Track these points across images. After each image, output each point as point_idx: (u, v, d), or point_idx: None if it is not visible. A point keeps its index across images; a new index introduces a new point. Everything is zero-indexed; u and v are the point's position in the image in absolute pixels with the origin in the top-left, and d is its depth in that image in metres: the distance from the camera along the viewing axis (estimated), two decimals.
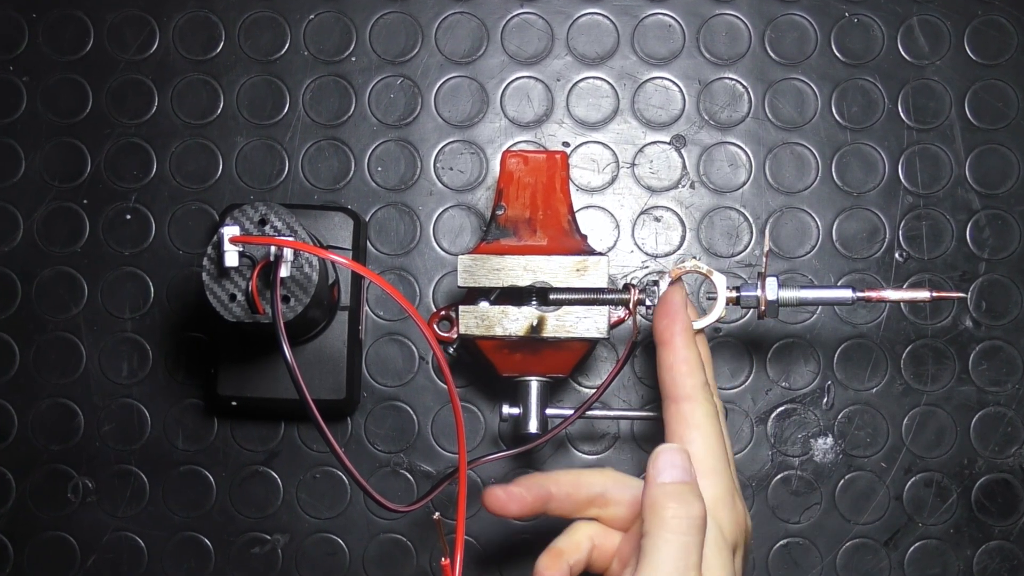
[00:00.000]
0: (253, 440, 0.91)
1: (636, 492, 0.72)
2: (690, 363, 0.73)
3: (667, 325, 0.74)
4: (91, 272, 0.92)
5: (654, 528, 0.66)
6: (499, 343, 0.82)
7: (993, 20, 0.93)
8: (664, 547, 0.66)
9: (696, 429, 0.72)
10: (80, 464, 0.91)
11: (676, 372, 0.73)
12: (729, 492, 0.72)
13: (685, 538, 0.66)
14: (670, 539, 0.66)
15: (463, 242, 0.92)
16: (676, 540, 0.66)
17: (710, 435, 0.72)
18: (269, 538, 0.91)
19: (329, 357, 0.86)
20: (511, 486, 0.73)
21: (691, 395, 0.73)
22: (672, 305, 0.75)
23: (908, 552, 0.91)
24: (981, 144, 0.92)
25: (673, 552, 0.65)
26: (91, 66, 0.93)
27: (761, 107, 0.93)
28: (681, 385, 0.73)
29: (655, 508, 0.67)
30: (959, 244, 0.92)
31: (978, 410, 0.91)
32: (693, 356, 0.74)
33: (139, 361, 0.91)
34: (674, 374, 0.73)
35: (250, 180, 0.92)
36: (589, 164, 0.93)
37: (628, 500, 0.73)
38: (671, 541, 0.66)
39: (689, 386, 0.73)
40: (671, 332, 0.74)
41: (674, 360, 0.73)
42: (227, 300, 0.74)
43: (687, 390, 0.73)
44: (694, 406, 0.72)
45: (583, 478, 0.74)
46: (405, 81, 0.93)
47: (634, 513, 0.73)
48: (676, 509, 0.66)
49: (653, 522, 0.66)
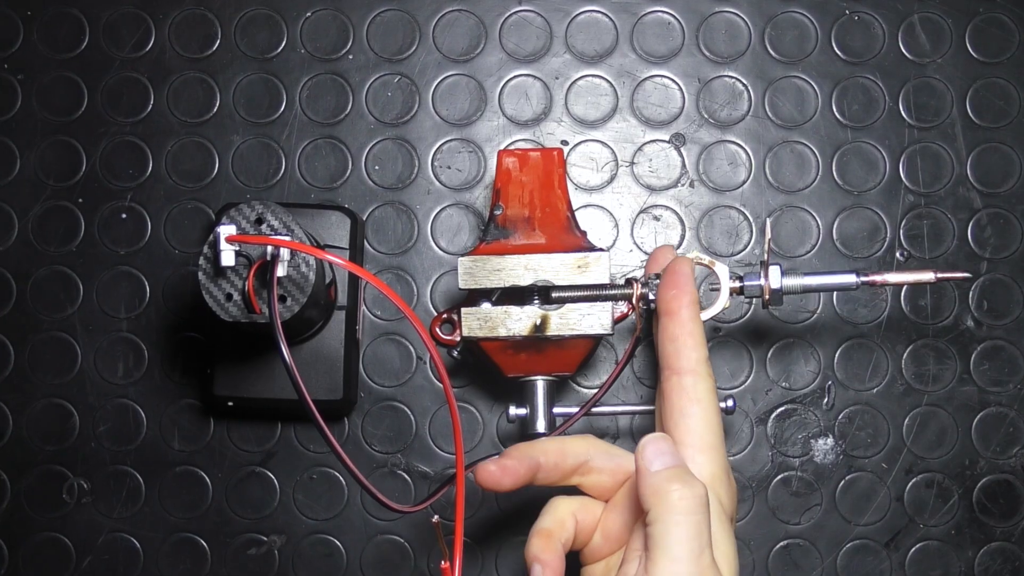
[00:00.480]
0: (250, 441, 0.91)
1: (619, 461, 0.74)
2: (695, 336, 0.74)
3: (675, 296, 0.74)
4: (86, 271, 0.92)
5: (663, 513, 0.66)
6: (503, 344, 0.82)
7: (995, 18, 0.93)
8: (676, 529, 0.66)
9: (697, 403, 0.72)
10: (75, 465, 0.91)
11: (681, 344, 0.73)
12: (725, 467, 0.73)
13: (695, 517, 0.66)
14: (681, 520, 0.66)
15: (461, 241, 0.92)
16: (687, 520, 0.66)
17: (710, 410, 0.72)
18: (266, 539, 0.91)
19: (326, 357, 0.85)
20: (502, 459, 0.73)
21: (695, 369, 0.73)
22: (680, 276, 0.75)
23: (909, 553, 0.90)
24: (983, 143, 0.92)
25: (686, 533, 0.65)
26: (86, 64, 0.93)
27: (761, 105, 0.93)
28: (686, 358, 0.73)
29: (659, 494, 0.67)
30: (960, 243, 0.92)
31: (980, 410, 0.91)
32: (699, 329, 0.74)
33: (135, 361, 0.91)
34: (678, 346, 0.73)
35: (246, 179, 0.92)
36: (588, 163, 0.93)
37: (611, 468, 0.74)
38: (682, 523, 0.66)
39: (694, 359, 0.73)
40: (679, 303, 0.74)
41: (679, 331, 0.74)
42: (223, 300, 0.74)
43: (691, 363, 0.73)
44: (696, 380, 0.73)
45: (568, 446, 0.74)
46: (403, 79, 0.93)
47: (616, 481, 0.74)
48: (681, 490, 0.66)
49: (660, 508, 0.66)
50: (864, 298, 0.91)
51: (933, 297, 0.91)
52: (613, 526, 0.73)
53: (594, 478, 0.74)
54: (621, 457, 0.74)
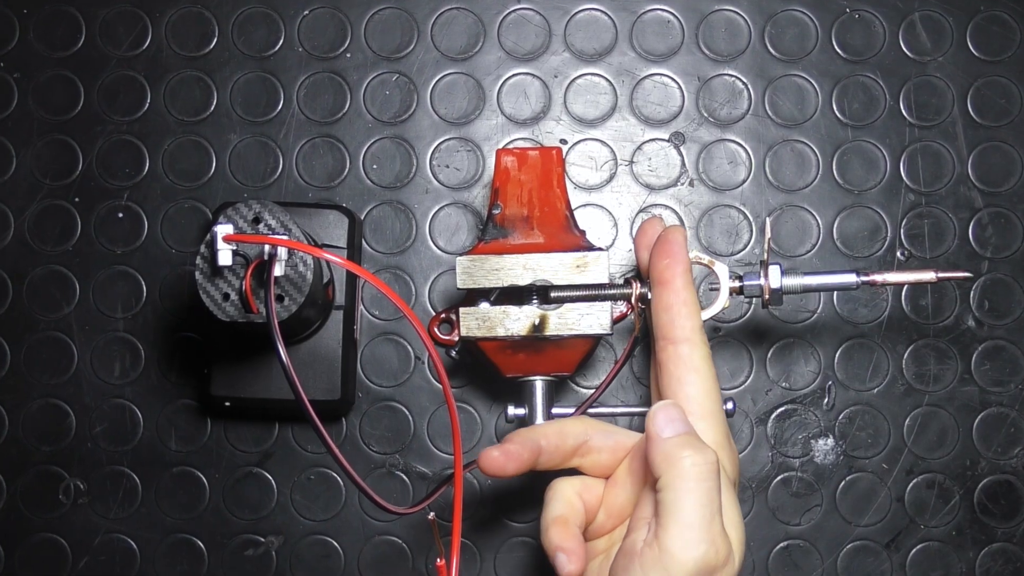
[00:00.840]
0: (247, 441, 0.91)
1: (617, 437, 0.74)
2: (690, 305, 0.74)
3: (668, 265, 0.74)
4: (83, 271, 0.91)
5: (675, 480, 0.66)
6: (502, 344, 0.81)
7: (996, 16, 0.93)
8: (688, 496, 0.66)
9: (695, 372, 0.72)
10: (72, 465, 0.90)
11: (675, 313, 0.73)
12: (725, 434, 0.73)
13: (707, 483, 0.66)
14: (693, 487, 0.66)
15: (459, 240, 0.91)
16: (699, 487, 0.66)
17: (708, 378, 0.73)
18: (263, 540, 0.90)
19: (324, 357, 0.85)
20: (506, 444, 0.72)
21: (690, 337, 0.73)
22: (673, 244, 0.75)
23: (910, 554, 0.90)
24: (984, 141, 0.92)
25: (698, 499, 0.66)
26: (83, 63, 0.93)
27: (761, 104, 0.92)
28: (680, 327, 0.73)
29: (671, 460, 0.67)
30: (961, 243, 0.91)
31: (981, 411, 0.91)
32: (693, 298, 0.74)
33: (131, 361, 0.91)
34: (673, 315, 0.73)
35: (244, 178, 0.92)
36: (587, 162, 0.92)
37: (610, 445, 0.74)
38: (694, 489, 0.66)
39: (688, 328, 0.73)
40: (672, 272, 0.74)
41: (674, 300, 0.74)
42: (221, 299, 0.74)
43: (687, 332, 0.73)
44: (693, 348, 0.73)
45: (566, 427, 0.74)
46: (401, 78, 0.93)
47: (616, 458, 0.74)
48: (693, 457, 0.66)
49: (672, 474, 0.66)
50: (864, 298, 0.91)
51: (934, 297, 0.91)
52: (616, 501, 0.73)
53: (593, 457, 0.74)
54: (618, 434, 0.74)
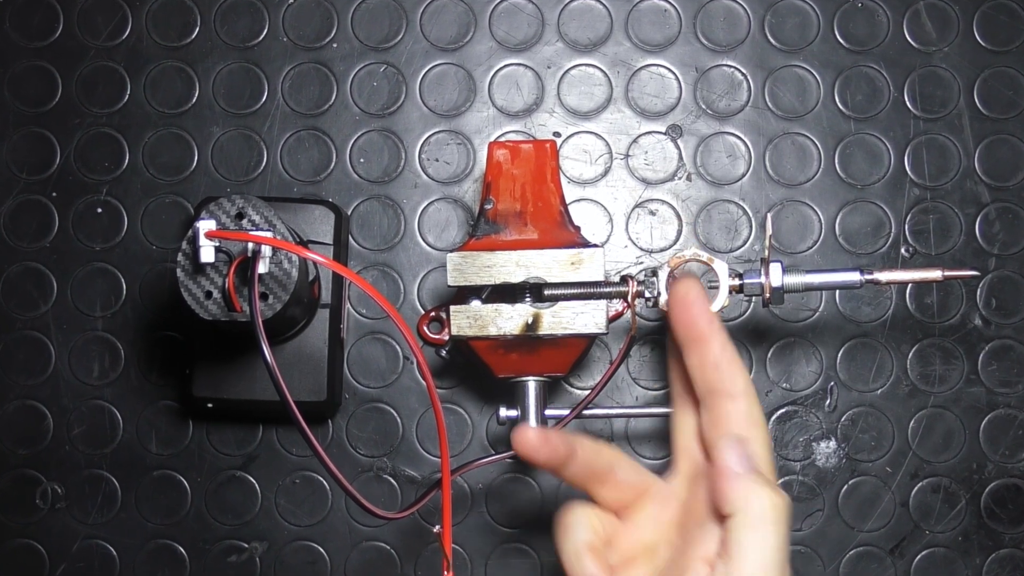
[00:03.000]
0: (230, 444, 0.90)
1: (644, 478, 0.74)
2: (738, 359, 0.73)
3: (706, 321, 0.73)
4: (60, 268, 0.91)
5: (751, 520, 0.66)
6: (493, 343, 0.81)
7: (1003, 5, 0.93)
8: (764, 540, 0.66)
9: (756, 427, 0.71)
10: (49, 469, 0.90)
11: (726, 369, 0.72)
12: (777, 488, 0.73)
13: (783, 528, 0.66)
14: (771, 531, 0.66)
15: (449, 237, 0.91)
16: (775, 531, 0.66)
17: (766, 432, 0.72)
18: (247, 546, 0.90)
19: (309, 357, 0.85)
20: (547, 431, 0.71)
21: (746, 391, 0.72)
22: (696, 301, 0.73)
23: (915, 561, 0.90)
24: (991, 134, 0.92)
25: (774, 542, 0.66)
26: (60, 53, 0.93)
27: (761, 96, 0.92)
28: (734, 382, 0.72)
29: (749, 499, 0.66)
30: (968, 239, 0.91)
31: (988, 412, 0.90)
32: (732, 348, 0.73)
33: (110, 361, 0.91)
34: (721, 371, 0.72)
35: (227, 172, 0.92)
36: (581, 155, 0.92)
37: (635, 483, 0.73)
38: (771, 533, 0.66)
39: (743, 382, 0.72)
40: (711, 328, 0.73)
41: (721, 356, 0.72)
42: (203, 297, 0.74)
43: (741, 386, 0.72)
44: (751, 403, 0.72)
45: (602, 448, 0.74)
46: (389, 68, 0.92)
47: (634, 497, 0.73)
48: (773, 499, 0.66)
49: (748, 513, 0.66)
50: (868, 296, 0.91)
51: (939, 295, 0.91)
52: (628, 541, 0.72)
53: (614, 490, 0.73)
54: (646, 474, 0.74)
